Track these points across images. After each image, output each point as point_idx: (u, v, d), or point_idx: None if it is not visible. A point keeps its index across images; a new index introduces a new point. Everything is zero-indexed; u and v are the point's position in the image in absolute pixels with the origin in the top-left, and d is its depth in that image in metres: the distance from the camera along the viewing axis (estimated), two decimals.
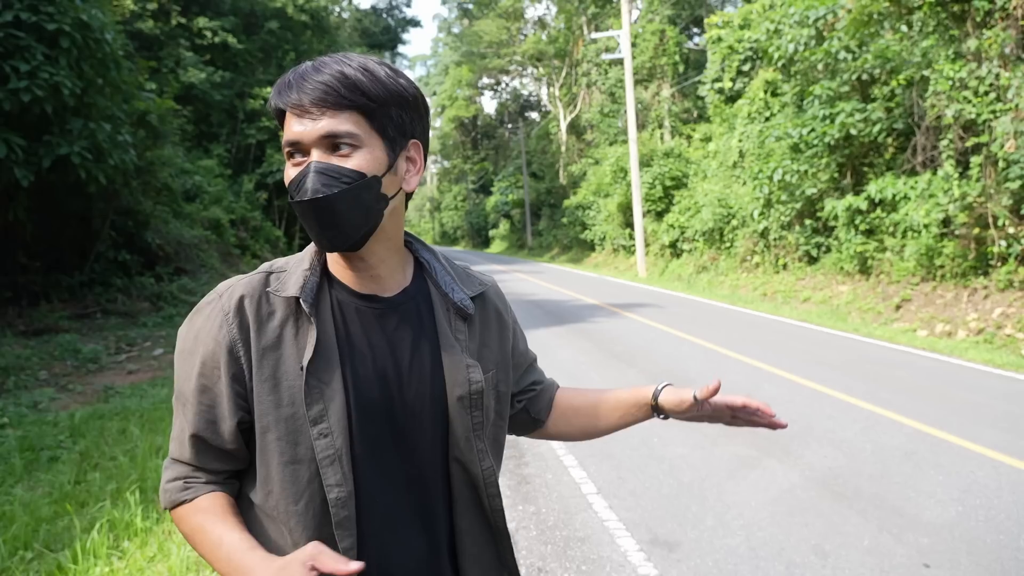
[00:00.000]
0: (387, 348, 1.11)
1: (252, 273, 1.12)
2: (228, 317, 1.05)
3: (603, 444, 5.38)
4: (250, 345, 1.05)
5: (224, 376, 1.05)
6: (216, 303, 1.08)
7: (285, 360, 1.04)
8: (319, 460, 1.03)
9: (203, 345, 1.06)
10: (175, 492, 1.09)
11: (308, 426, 1.03)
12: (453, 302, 1.18)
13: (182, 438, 1.09)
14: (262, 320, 1.06)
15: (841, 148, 13.62)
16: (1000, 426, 5.44)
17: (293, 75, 1.03)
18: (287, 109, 1.03)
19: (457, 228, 64.93)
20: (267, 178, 22.45)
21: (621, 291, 17.17)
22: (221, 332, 1.05)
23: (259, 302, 1.07)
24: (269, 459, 1.05)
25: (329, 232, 1.02)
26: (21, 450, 5.23)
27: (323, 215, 1.00)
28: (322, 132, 1.00)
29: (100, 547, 3.52)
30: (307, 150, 1.02)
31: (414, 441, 1.12)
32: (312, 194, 0.99)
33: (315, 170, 1.00)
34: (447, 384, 1.14)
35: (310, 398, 1.03)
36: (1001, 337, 9.23)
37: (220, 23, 22.37)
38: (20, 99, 8.53)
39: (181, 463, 1.10)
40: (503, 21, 47.85)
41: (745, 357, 8.35)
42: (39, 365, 8.26)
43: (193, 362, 1.07)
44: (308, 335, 1.05)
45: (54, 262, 11.63)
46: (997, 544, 3.56)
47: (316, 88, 1.00)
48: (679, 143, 25.46)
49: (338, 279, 1.12)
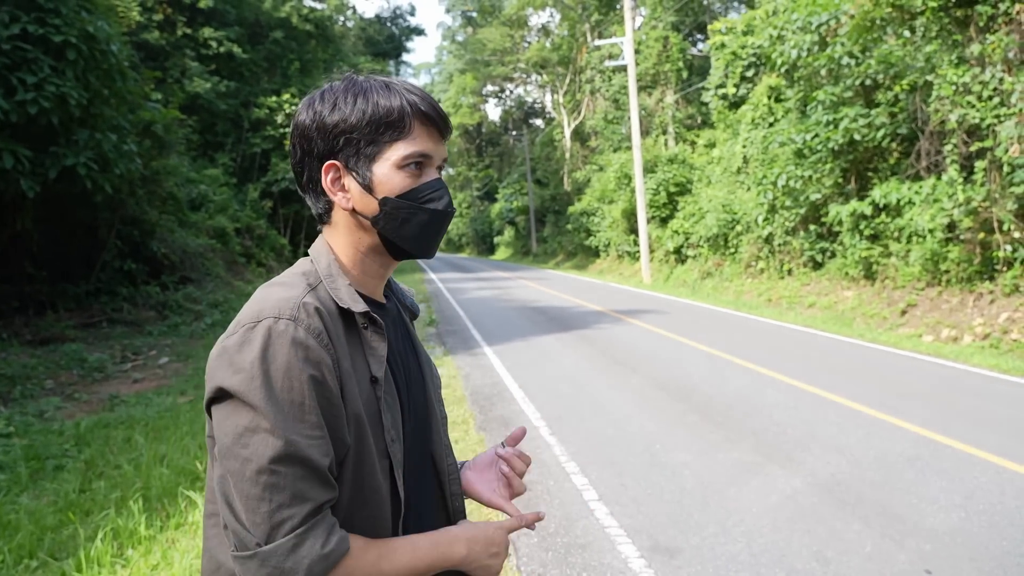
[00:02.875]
0: (400, 352, 1.19)
1: (301, 290, 1.06)
2: (323, 337, 1.01)
3: (605, 451, 5.38)
4: (338, 361, 1.03)
5: (336, 397, 1.01)
6: (298, 326, 1.00)
7: (359, 373, 1.07)
8: (394, 465, 1.09)
9: (308, 370, 0.98)
10: (339, 546, 0.97)
11: (383, 435, 1.08)
12: (407, 306, 1.31)
13: (308, 485, 0.96)
14: (338, 335, 1.05)
15: (845, 153, 13.60)
16: (1005, 431, 5.42)
17: (418, 90, 1.13)
18: (420, 119, 1.11)
19: (462, 235, 65.04)
20: (272, 187, 22.56)
21: (625, 297, 17.16)
22: (322, 353, 1.00)
23: (332, 317, 1.06)
24: (363, 472, 1.05)
25: (438, 241, 1.17)
26: (27, 459, 5.26)
27: (444, 226, 1.16)
28: (445, 155, 1.16)
29: (104, 555, 3.53)
30: (429, 165, 1.13)
31: (424, 434, 1.21)
32: (449, 206, 1.15)
33: (447, 188, 1.15)
34: (427, 382, 1.25)
35: (384, 407, 1.08)
36: (1007, 342, 9.19)
37: (225, 33, 22.54)
38: (27, 110, 8.60)
39: (319, 515, 0.96)
40: (507, 29, 47.97)
41: (749, 363, 8.34)
42: (45, 374, 8.30)
43: (301, 395, 0.97)
44: (377, 347, 1.10)
45: (60, 272, 11.70)
46: (1000, 550, 3.54)
47: (446, 115, 1.15)
48: (683, 149, 25.46)
49: (359, 290, 1.16)
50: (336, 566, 0.96)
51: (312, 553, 0.94)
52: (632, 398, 6.99)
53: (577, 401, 6.97)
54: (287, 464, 0.94)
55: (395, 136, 1.08)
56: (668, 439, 5.59)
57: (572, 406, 6.79)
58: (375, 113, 1.07)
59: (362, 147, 1.08)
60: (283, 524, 0.93)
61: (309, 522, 0.95)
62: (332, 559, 0.95)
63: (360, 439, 1.04)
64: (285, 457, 0.94)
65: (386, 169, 1.09)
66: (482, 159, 62.07)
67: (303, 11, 25.36)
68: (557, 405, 6.85)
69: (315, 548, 0.94)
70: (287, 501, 0.94)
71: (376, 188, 1.09)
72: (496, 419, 6.41)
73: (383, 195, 1.09)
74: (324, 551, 0.94)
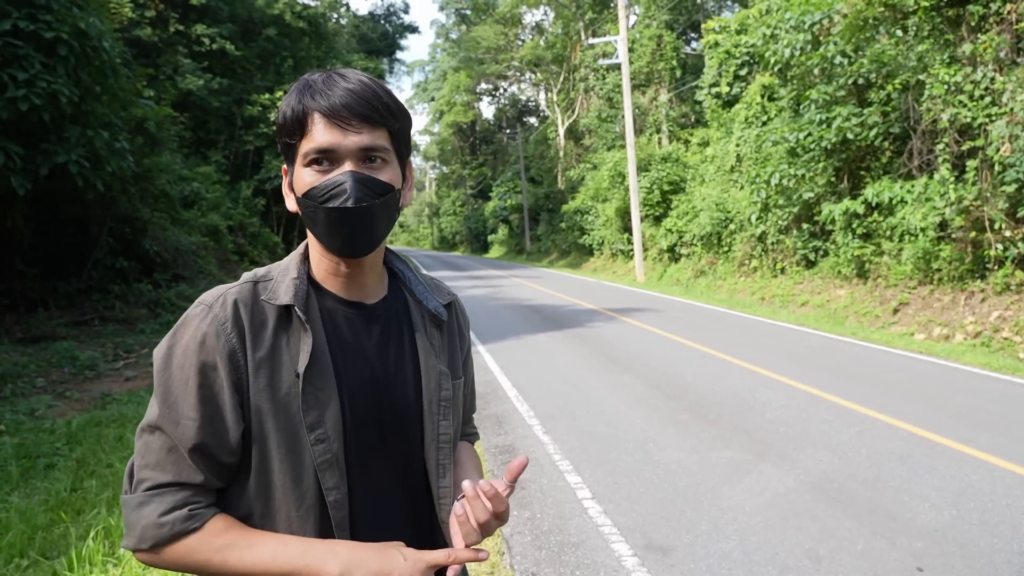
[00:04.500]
0: (374, 354, 1.14)
1: (238, 283, 1.11)
2: (226, 326, 1.04)
3: (599, 449, 5.38)
4: (247, 354, 1.04)
5: (227, 385, 1.03)
6: (207, 313, 1.05)
7: (280, 368, 1.05)
8: (317, 464, 1.05)
9: (200, 356, 1.03)
10: (179, 523, 1.00)
11: (305, 432, 1.04)
12: (428, 310, 1.22)
13: (172, 459, 1.02)
14: (256, 329, 1.06)
15: (838, 152, 13.66)
16: (996, 430, 5.45)
17: (323, 83, 1.06)
18: (319, 115, 1.05)
19: (456, 233, 64.96)
20: (265, 184, 22.48)
21: (619, 296, 17.18)
22: (219, 341, 1.03)
23: (252, 310, 1.07)
24: (269, 467, 1.05)
25: (361, 239, 1.07)
26: (18, 457, 5.23)
27: (360, 223, 1.06)
28: (363, 144, 1.05)
29: (96, 554, 3.52)
30: (338, 159, 1.05)
31: (400, 446, 1.15)
32: (356, 202, 1.04)
33: (356, 180, 1.04)
34: (424, 390, 1.17)
35: (307, 404, 1.05)
36: (998, 340, 9.24)
37: (218, 30, 22.43)
38: (18, 107, 8.53)
39: (173, 488, 1.02)
40: (501, 27, 47.95)
41: (742, 361, 8.36)
42: (36, 372, 8.26)
43: (187, 375, 1.03)
44: (303, 342, 1.07)
45: (52, 269, 11.64)
46: (991, 548, 3.56)
47: (358, 103, 1.04)
48: (677, 148, 25.49)
49: (324, 287, 1.14)
50: (174, 539, 1.00)
51: (150, 517, 1.00)
52: (625, 396, 7.00)
53: (570, 399, 6.98)
54: (159, 432, 1.03)
55: (300, 135, 1.06)
56: (661, 437, 5.60)
57: (565, 404, 6.80)
58: (285, 115, 1.07)
59: (288, 149, 1.09)
60: (143, 482, 1.03)
61: (160, 489, 1.02)
62: (166, 531, 1.00)
63: (263, 430, 1.04)
64: (157, 426, 1.04)
65: (298, 168, 1.08)
66: (476, 157, 61.99)
67: (296, 8, 25.26)
68: (550, 403, 6.85)
69: (153, 514, 1.00)
70: (151, 463, 1.03)
71: (296, 188, 1.09)
72: (490, 417, 6.41)
73: (299, 195, 1.08)
74: (160, 519, 1.00)
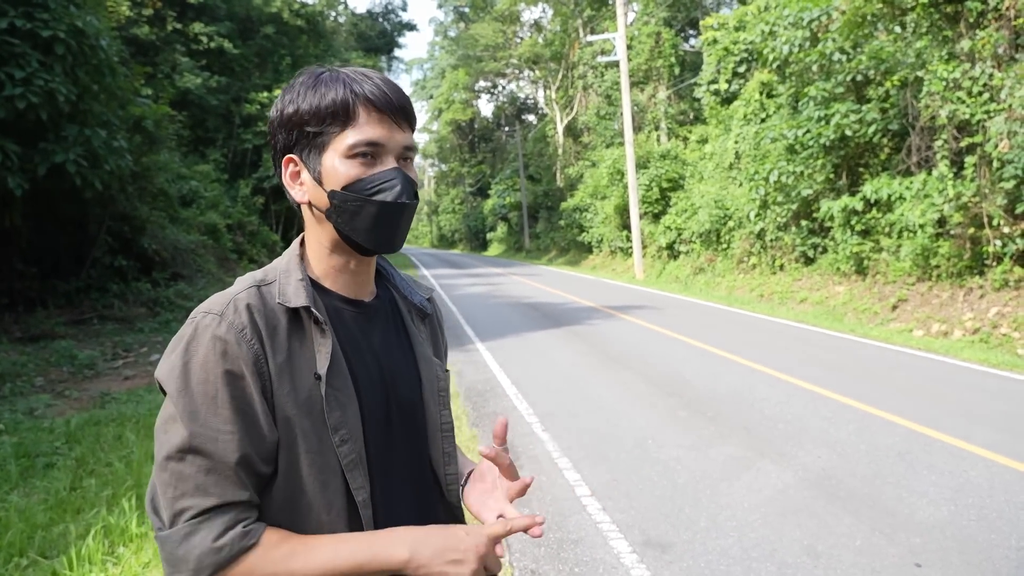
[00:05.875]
0: (379, 351, 1.14)
1: (242, 288, 1.08)
2: (245, 333, 1.01)
3: (598, 446, 5.39)
4: (268, 359, 1.02)
5: (255, 393, 1.00)
6: (221, 321, 1.01)
7: (298, 371, 1.04)
8: (344, 465, 1.04)
9: (223, 366, 0.99)
10: (236, 543, 0.96)
11: (329, 434, 1.04)
12: (414, 304, 1.25)
13: (213, 480, 0.97)
14: (271, 333, 1.04)
15: (836, 149, 13.65)
16: (994, 426, 5.46)
17: (376, 78, 1.08)
18: (372, 107, 1.06)
19: (455, 231, 64.92)
20: (264, 182, 22.47)
21: (618, 293, 17.19)
22: (242, 349, 1.00)
23: (265, 315, 1.05)
24: (298, 474, 1.03)
25: (399, 235, 1.10)
26: (17, 457, 5.23)
27: (405, 219, 1.09)
28: (406, 143, 1.09)
29: (95, 553, 3.52)
30: (382, 155, 1.07)
31: (406, 438, 1.15)
32: (408, 199, 1.08)
33: (406, 178, 1.08)
34: (423, 383, 1.19)
35: (330, 406, 1.04)
36: (997, 336, 9.25)
37: (216, 28, 22.41)
38: (15, 106, 8.52)
39: (220, 510, 0.97)
40: (499, 24, 47.85)
41: (741, 358, 8.37)
42: (35, 371, 8.25)
43: (213, 389, 0.99)
44: (319, 344, 1.06)
45: (50, 268, 11.63)
46: (989, 543, 3.57)
47: (404, 101, 1.09)
48: (675, 145, 25.48)
49: (325, 286, 1.13)
50: (233, 561, 0.96)
51: (203, 545, 0.95)
52: (624, 394, 7.00)
53: (569, 397, 6.98)
54: (192, 455, 0.97)
55: (342, 125, 1.05)
56: (660, 434, 5.60)
57: (564, 402, 6.80)
58: (321, 103, 1.05)
59: (312, 139, 1.07)
60: (183, 512, 0.96)
61: (207, 515, 0.96)
62: (225, 554, 0.95)
63: (290, 437, 1.02)
64: (190, 448, 0.97)
65: (334, 160, 1.06)
66: (475, 155, 61.94)
67: (294, 6, 25.25)
68: (549, 401, 6.85)
69: (207, 540, 0.95)
70: (190, 491, 0.96)
71: (325, 180, 1.07)
72: (489, 415, 6.42)
73: (331, 187, 1.06)
74: (215, 544, 0.95)
